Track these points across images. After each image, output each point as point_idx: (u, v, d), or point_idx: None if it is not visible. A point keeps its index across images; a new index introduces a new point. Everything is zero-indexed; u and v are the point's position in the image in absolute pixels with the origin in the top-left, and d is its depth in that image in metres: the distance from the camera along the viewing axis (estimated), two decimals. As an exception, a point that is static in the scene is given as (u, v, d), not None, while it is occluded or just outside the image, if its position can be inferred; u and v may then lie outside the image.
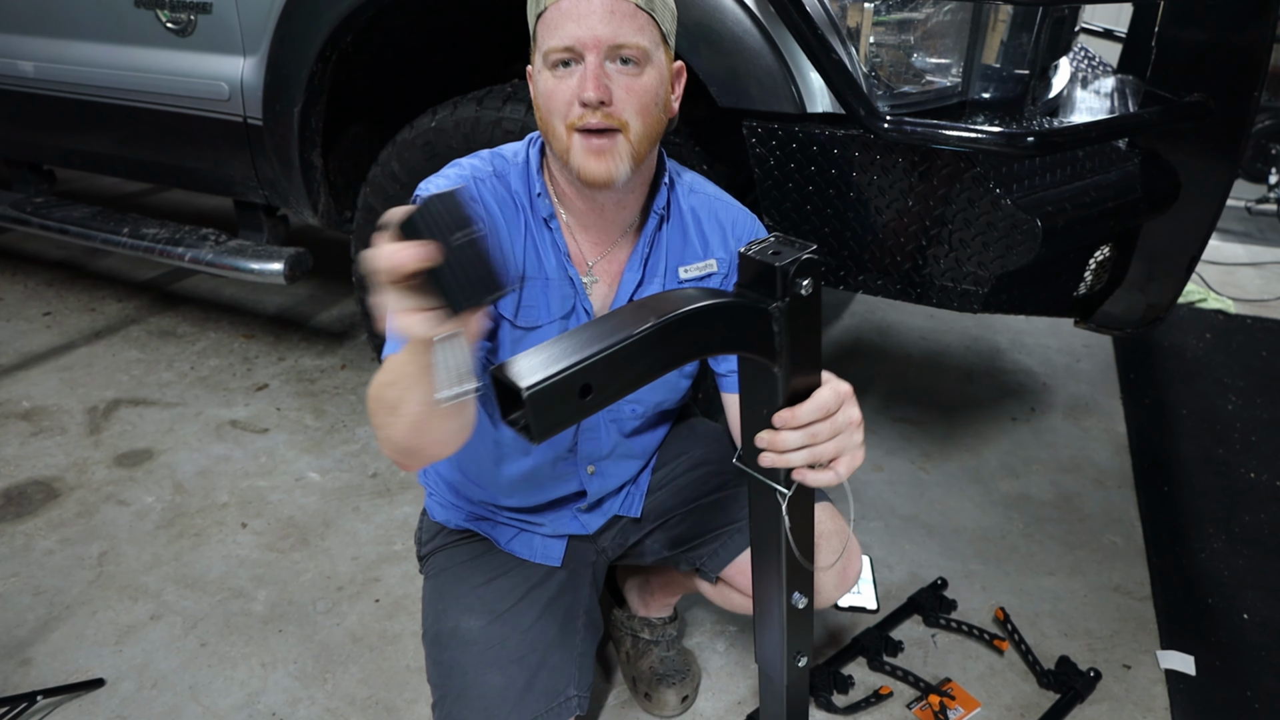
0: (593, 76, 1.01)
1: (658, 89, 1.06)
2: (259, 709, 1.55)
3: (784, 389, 0.84)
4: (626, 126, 1.04)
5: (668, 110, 1.11)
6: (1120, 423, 2.54)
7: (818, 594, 1.26)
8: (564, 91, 1.03)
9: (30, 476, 2.16)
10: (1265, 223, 4.36)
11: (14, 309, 3.05)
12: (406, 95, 2.20)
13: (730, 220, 1.23)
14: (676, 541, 1.36)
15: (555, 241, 1.15)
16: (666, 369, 0.75)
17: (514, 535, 1.34)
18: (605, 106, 1.02)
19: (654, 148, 1.11)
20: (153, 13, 2.08)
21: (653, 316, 0.71)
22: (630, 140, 1.05)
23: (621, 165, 1.05)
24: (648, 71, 1.05)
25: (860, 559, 1.31)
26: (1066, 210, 1.48)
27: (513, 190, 1.15)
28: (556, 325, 1.17)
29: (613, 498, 1.35)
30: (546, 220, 1.15)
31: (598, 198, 1.12)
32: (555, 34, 1.02)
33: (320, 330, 2.95)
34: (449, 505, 1.37)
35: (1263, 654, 1.71)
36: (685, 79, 1.16)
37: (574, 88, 1.02)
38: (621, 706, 1.59)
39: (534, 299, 1.16)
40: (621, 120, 1.04)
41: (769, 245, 0.79)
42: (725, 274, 1.23)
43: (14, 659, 1.63)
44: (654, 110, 1.07)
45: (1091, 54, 2.14)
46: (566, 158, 1.06)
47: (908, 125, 1.38)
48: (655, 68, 1.06)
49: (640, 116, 1.05)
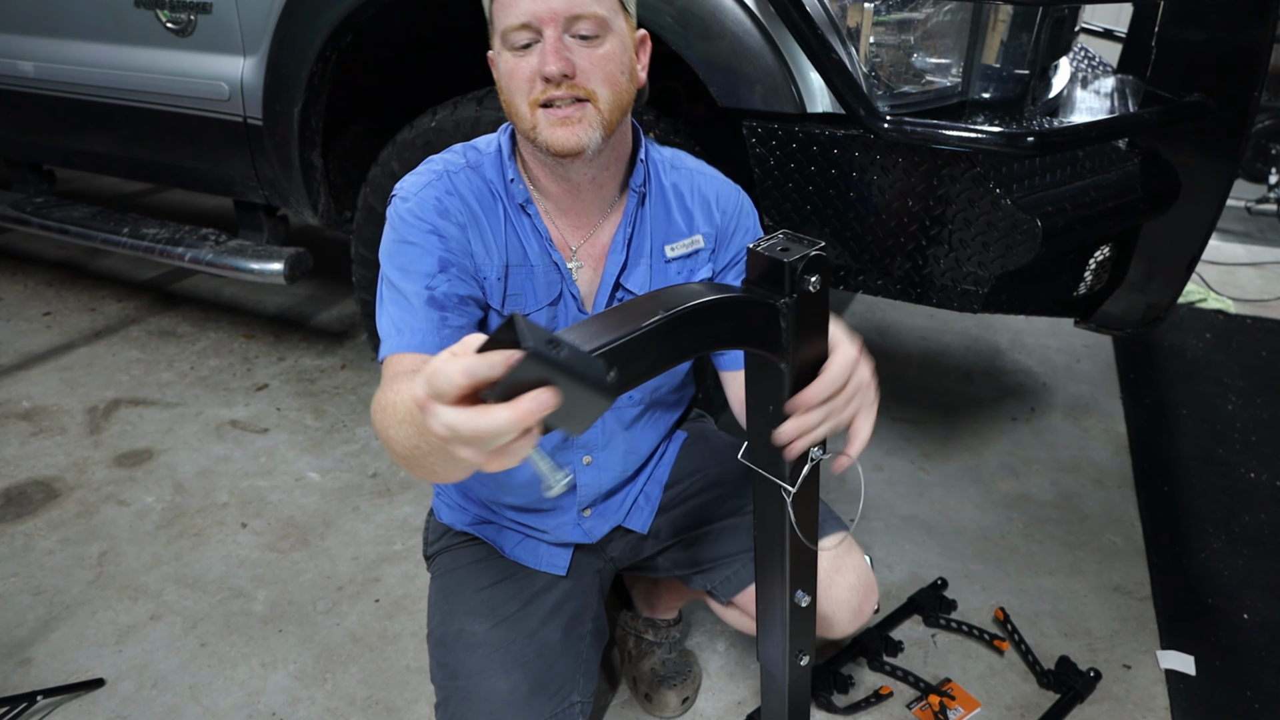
0: (553, 50, 1.00)
1: (621, 56, 1.05)
2: (259, 709, 1.55)
3: (791, 385, 0.84)
4: (594, 95, 1.03)
5: (635, 79, 1.10)
6: (1120, 423, 2.54)
7: (831, 627, 1.26)
8: (525, 69, 1.02)
9: (30, 476, 2.16)
10: (1265, 223, 4.36)
11: (14, 309, 3.05)
12: (406, 95, 2.20)
13: (714, 193, 1.22)
14: (690, 562, 1.35)
15: (535, 227, 1.14)
16: (673, 363, 0.74)
17: (519, 542, 1.33)
18: (569, 79, 1.01)
19: (625, 118, 1.10)
20: (153, 13, 2.08)
21: (660, 310, 0.71)
22: (600, 109, 1.03)
23: (592, 133, 1.03)
24: (609, 40, 1.03)
25: (876, 594, 1.30)
26: (1066, 210, 1.48)
27: (487, 179, 1.14)
28: (544, 312, 1.16)
29: (613, 502, 1.34)
30: (523, 206, 1.14)
31: (571, 175, 1.10)
32: (510, 12, 1.00)
33: (320, 330, 2.95)
34: (456, 507, 1.37)
35: (1263, 654, 1.71)
36: (650, 48, 1.14)
37: (534, 65, 1.01)
38: (622, 706, 1.59)
39: (520, 286, 1.15)
40: (588, 90, 1.03)
41: (777, 242, 0.80)
42: (712, 249, 1.22)
43: (14, 659, 1.63)
44: (620, 79, 1.05)
45: (1091, 54, 2.14)
46: (534, 135, 1.04)
47: (908, 125, 1.38)
48: (616, 35, 1.04)
49: (607, 84, 1.03)
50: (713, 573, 1.32)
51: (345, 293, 3.18)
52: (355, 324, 2.99)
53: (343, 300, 3.16)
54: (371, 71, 2.13)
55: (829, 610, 1.24)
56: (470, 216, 1.11)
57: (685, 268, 1.22)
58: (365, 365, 2.73)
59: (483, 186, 1.13)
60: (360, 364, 2.73)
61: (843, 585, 1.24)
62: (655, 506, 1.36)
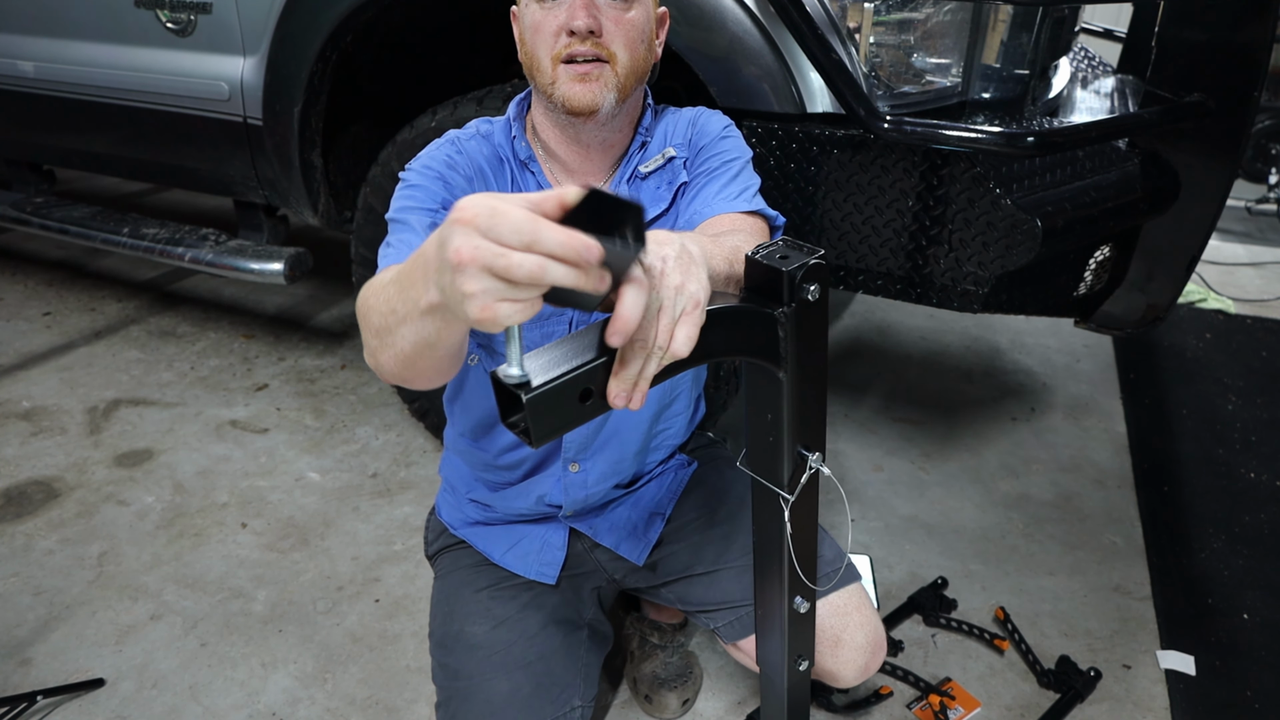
0: (583, 4, 1.01)
1: (645, 25, 1.07)
2: (259, 709, 1.55)
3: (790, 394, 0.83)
4: (614, 58, 1.04)
5: (652, 52, 1.12)
6: (1120, 423, 2.54)
7: (836, 681, 1.24)
8: (551, 22, 1.03)
9: (30, 476, 2.16)
10: (1265, 223, 4.36)
11: (14, 309, 3.05)
12: (406, 95, 2.20)
13: (692, 115, 1.22)
14: (696, 601, 1.32)
15: (540, 184, 1.15)
16: (671, 373, 0.74)
17: (509, 548, 1.32)
18: (594, 36, 1.02)
19: (640, 85, 1.11)
20: (153, 13, 2.08)
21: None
22: (617, 72, 1.05)
23: (608, 94, 1.05)
24: (636, 7, 1.05)
25: (884, 649, 1.28)
26: (1066, 210, 1.48)
27: (496, 143, 1.16)
28: None
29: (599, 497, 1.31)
30: (526, 162, 1.15)
31: (582, 136, 1.11)
32: None
33: (320, 330, 2.95)
34: (454, 505, 1.37)
35: (1263, 654, 1.71)
36: (668, 26, 1.17)
37: (562, 18, 1.02)
38: (622, 706, 1.59)
39: None
40: (610, 51, 1.04)
41: (776, 249, 0.78)
42: (687, 158, 1.19)
43: (14, 659, 1.63)
44: (640, 47, 1.07)
45: (1091, 54, 2.14)
46: (551, 90, 1.05)
47: (908, 125, 1.38)
48: (642, 5, 1.07)
49: (628, 49, 1.05)
50: (718, 614, 1.30)
51: (345, 293, 3.18)
52: (355, 324, 2.99)
53: (343, 300, 3.16)
54: (371, 71, 2.13)
55: (834, 668, 1.23)
56: (478, 173, 1.12)
57: (662, 180, 1.19)
58: (365, 365, 2.73)
59: (492, 151, 1.15)
60: (360, 364, 2.73)
61: (850, 646, 1.22)
62: (653, 540, 1.34)
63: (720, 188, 1.13)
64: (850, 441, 2.38)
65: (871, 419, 2.49)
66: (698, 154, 1.19)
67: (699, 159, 1.18)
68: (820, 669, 1.24)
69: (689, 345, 0.69)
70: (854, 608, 1.24)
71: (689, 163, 1.19)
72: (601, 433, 1.27)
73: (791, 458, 0.88)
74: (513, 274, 0.56)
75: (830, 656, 1.22)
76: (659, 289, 0.68)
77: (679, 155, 1.19)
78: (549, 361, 0.67)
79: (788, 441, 0.87)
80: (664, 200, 1.18)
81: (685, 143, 1.19)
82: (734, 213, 1.09)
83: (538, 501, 1.29)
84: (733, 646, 1.33)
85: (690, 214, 1.13)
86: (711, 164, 1.16)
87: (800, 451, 0.89)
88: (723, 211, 1.08)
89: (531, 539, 1.32)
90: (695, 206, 1.13)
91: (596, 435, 1.27)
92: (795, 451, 0.89)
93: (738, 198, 1.11)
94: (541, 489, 1.29)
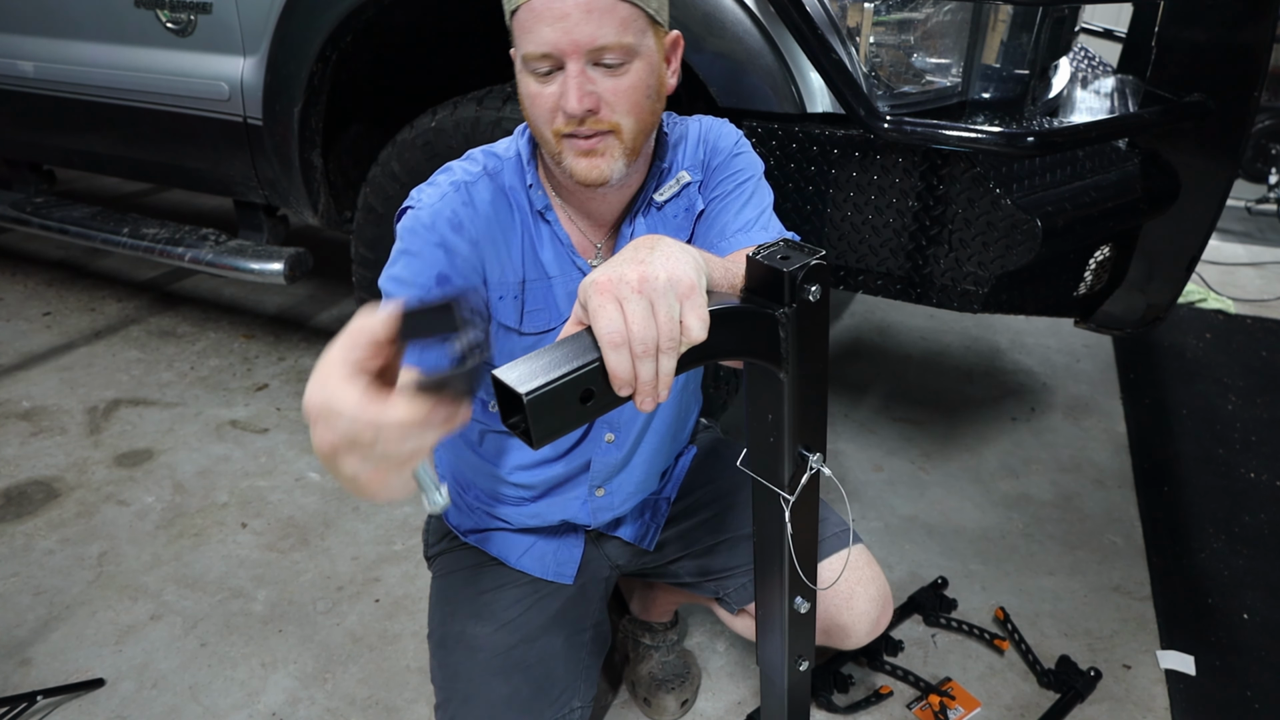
0: (575, 88, 0.95)
1: (648, 81, 1.01)
2: (259, 709, 1.55)
3: (791, 395, 0.83)
4: (619, 127, 1.00)
5: (662, 94, 1.06)
6: (1120, 423, 2.54)
7: (848, 638, 1.27)
8: (548, 99, 0.99)
9: (30, 476, 2.16)
10: (1265, 223, 4.36)
11: (14, 309, 3.05)
12: (406, 95, 2.20)
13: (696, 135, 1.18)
14: (700, 571, 1.35)
15: (555, 235, 1.11)
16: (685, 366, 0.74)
17: (525, 550, 1.31)
18: (593, 115, 0.98)
19: (650, 137, 1.07)
20: (153, 13, 2.07)
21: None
22: (623, 139, 1.01)
23: (615, 164, 1.01)
24: (635, 67, 0.98)
25: (892, 604, 1.31)
26: (1066, 210, 1.48)
27: (507, 187, 1.10)
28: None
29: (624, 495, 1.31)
30: (542, 213, 1.11)
31: (596, 193, 1.08)
32: (531, 38, 0.95)
33: (320, 330, 2.95)
34: (464, 510, 1.36)
35: (1263, 654, 1.71)
36: (682, 47, 1.10)
37: (557, 96, 0.97)
38: (622, 707, 1.59)
39: (538, 302, 1.12)
40: (612, 123, 0.99)
41: (777, 249, 0.78)
42: (701, 180, 1.16)
43: (14, 659, 1.63)
44: (645, 104, 1.01)
45: (1091, 54, 2.14)
46: (558, 160, 1.02)
47: (908, 125, 1.38)
48: (644, 59, 0.99)
49: (633, 114, 1.00)
50: (724, 581, 1.33)
51: (345, 293, 3.18)
52: (355, 324, 2.99)
53: (343, 300, 3.15)
54: (371, 71, 2.13)
55: (848, 621, 1.25)
56: (487, 232, 1.08)
57: (679, 208, 1.16)
58: (365, 365, 2.72)
59: (501, 195, 1.09)
60: (360, 364, 2.72)
61: (864, 598, 1.24)
62: (661, 524, 1.36)
63: (736, 213, 1.12)
64: (850, 441, 2.38)
65: (871, 419, 2.49)
66: (712, 174, 1.16)
67: (713, 180, 1.16)
68: (832, 625, 1.26)
69: (703, 328, 0.68)
70: (865, 563, 1.27)
71: (703, 185, 1.17)
72: (630, 463, 1.28)
73: (792, 458, 0.88)
74: (375, 451, 0.59)
75: (845, 610, 1.24)
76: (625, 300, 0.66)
77: (693, 179, 1.16)
78: (550, 362, 0.66)
79: (788, 442, 0.87)
80: (685, 230, 1.16)
81: (698, 164, 1.17)
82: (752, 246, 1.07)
83: (562, 523, 1.31)
84: (739, 616, 1.35)
85: (708, 244, 1.12)
86: (726, 186, 1.14)
87: (801, 452, 0.89)
88: (741, 246, 1.05)
89: (548, 541, 1.33)
90: (711, 237, 1.12)
91: (624, 466, 1.28)
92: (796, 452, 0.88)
93: (754, 226, 1.10)
94: (567, 513, 1.30)
